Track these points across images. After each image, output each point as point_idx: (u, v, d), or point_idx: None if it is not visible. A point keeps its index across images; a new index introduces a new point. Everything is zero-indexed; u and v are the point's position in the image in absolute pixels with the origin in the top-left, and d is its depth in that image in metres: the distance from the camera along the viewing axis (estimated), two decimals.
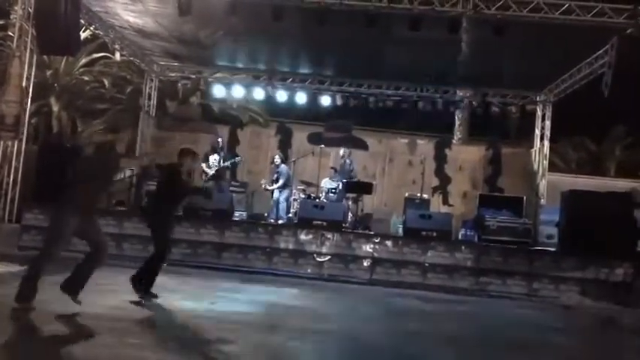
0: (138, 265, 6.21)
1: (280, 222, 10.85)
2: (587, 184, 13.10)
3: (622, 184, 13.67)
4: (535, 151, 14.17)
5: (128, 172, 14.51)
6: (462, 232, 11.53)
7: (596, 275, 8.93)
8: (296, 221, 10.35)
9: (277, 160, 11.84)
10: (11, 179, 9.52)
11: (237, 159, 12.20)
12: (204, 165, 11.52)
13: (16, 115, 9.50)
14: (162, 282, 7.56)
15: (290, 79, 14.05)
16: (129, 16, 11.06)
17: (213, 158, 11.52)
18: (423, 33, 9.31)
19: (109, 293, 6.35)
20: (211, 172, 11.43)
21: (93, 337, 4.41)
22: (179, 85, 14.73)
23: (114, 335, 4.45)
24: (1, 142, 9.54)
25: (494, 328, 6.40)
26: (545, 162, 13.82)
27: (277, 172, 11.66)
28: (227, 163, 11.75)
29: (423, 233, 9.57)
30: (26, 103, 9.80)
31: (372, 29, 9.33)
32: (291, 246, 9.38)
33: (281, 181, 11.49)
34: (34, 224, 9.54)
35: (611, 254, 8.96)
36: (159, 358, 4.10)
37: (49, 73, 18.55)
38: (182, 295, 6.73)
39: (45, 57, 16.16)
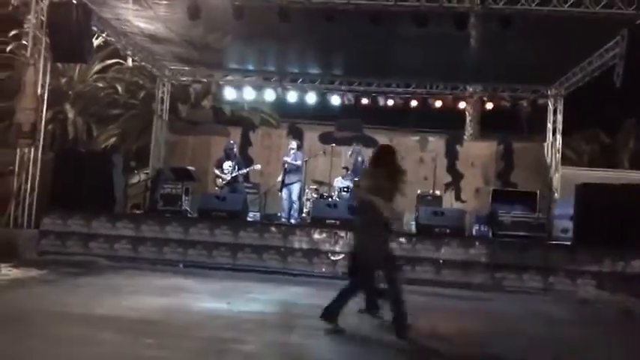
0: (155, 268, 6.28)
1: (293, 222, 10.89)
2: (601, 176, 12.95)
3: (636, 176, 13.53)
4: (547, 145, 14.09)
5: (143, 176, 14.73)
6: (475, 227, 11.52)
7: (613, 268, 8.87)
8: (309, 221, 10.40)
9: (294, 145, 11.75)
10: (29, 185, 9.67)
11: (256, 167, 12.10)
12: (217, 171, 11.59)
13: (32, 123, 9.64)
14: (179, 283, 7.70)
15: (300, 80, 14.12)
16: (139, 22, 11.19)
17: (228, 164, 11.55)
18: (430, 30, 9.32)
19: (127, 295, 6.47)
20: (228, 177, 11.44)
21: (112, 337, 4.49)
22: (191, 88, 14.86)
23: (132, 335, 4.54)
24: (19, 150, 9.69)
25: (513, 323, 6.40)
26: (557, 156, 13.74)
27: (295, 154, 11.52)
28: (244, 171, 11.76)
29: (436, 230, 9.58)
30: (42, 111, 9.94)
31: (380, 27, 9.36)
32: (305, 245, 9.45)
33: (299, 162, 11.41)
34: (52, 229, 9.78)
35: (627, 246, 8.90)
36: (177, 357, 4.17)
37: (63, 80, 18.81)
38: (199, 296, 6.82)
39: (59, 65, 16.39)
